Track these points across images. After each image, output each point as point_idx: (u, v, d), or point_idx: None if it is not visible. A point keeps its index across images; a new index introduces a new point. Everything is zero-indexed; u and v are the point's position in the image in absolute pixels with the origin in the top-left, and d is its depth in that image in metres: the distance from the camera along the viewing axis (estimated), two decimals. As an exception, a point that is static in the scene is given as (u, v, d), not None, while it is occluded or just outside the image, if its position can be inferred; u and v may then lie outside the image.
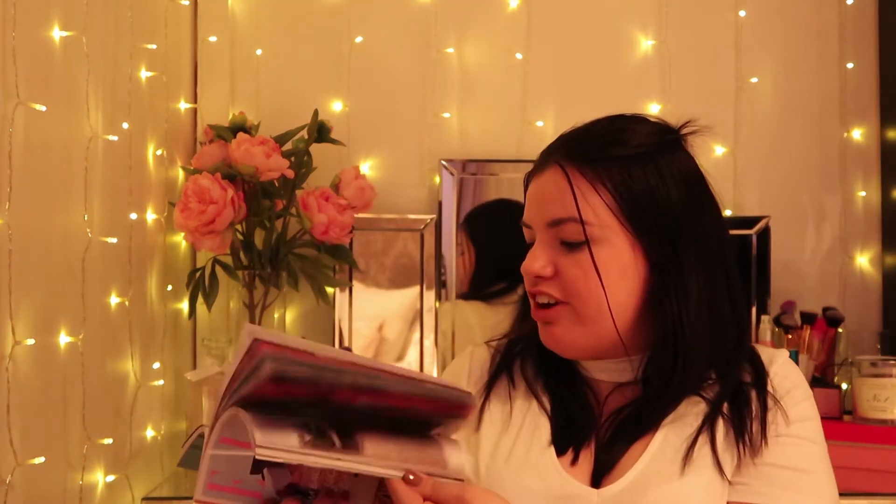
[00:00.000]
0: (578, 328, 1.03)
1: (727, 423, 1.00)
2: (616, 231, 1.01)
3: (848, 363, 1.97)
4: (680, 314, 1.01)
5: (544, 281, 1.03)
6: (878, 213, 2.17)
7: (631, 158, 1.02)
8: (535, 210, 1.05)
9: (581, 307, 1.02)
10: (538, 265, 1.03)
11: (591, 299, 1.01)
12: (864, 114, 2.18)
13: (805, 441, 1.01)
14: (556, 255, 1.03)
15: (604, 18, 2.18)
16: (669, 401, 1.02)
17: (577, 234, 1.01)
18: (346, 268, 2.04)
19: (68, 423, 1.37)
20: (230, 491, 0.80)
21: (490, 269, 2.08)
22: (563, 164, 1.02)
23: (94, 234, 1.45)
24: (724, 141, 2.16)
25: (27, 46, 1.22)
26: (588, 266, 1.01)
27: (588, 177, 1.01)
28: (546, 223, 1.03)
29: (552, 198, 1.03)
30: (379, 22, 2.16)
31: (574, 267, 1.01)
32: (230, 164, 1.83)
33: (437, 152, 2.13)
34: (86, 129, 1.44)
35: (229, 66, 2.13)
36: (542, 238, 1.04)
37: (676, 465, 0.98)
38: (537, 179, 1.06)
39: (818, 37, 2.19)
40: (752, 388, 1.02)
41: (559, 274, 1.02)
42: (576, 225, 1.01)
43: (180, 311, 1.95)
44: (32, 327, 1.23)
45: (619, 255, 1.01)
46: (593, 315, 1.02)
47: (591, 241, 1.00)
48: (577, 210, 1.00)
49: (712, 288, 1.04)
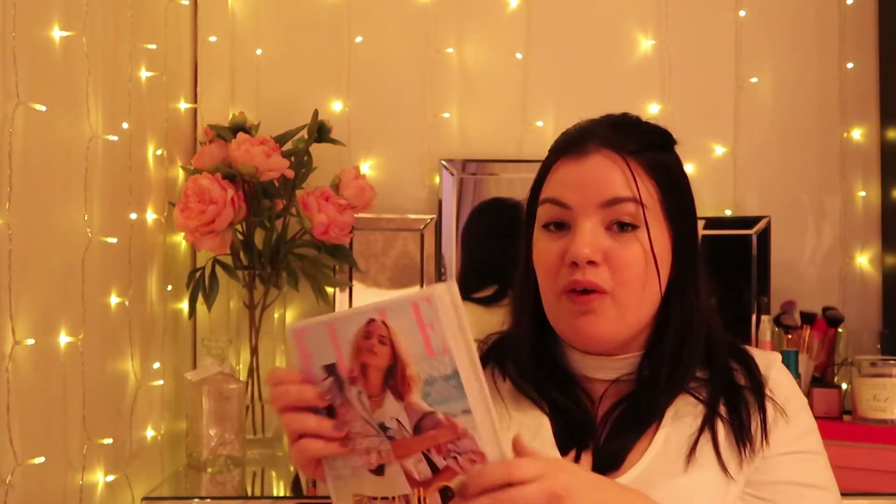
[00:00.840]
0: (618, 319, 1.01)
1: (726, 425, 1.01)
2: (659, 219, 1.02)
3: (848, 363, 1.97)
4: (692, 310, 1.03)
5: (592, 267, 1.00)
6: (878, 213, 2.17)
7: (665, 151, 1.06)
8: (584, 190, 1.02)
9: (626, 296, 1.00)
10: (589, 250, 0.99)
11: (635, 289, 1.00)
12: (864, 114, 2.18)
13: (815, 455, 1.03)
14: (604, 241, 1.00)
15: (604, 18, 2.17)
16: (668, 395, 1.02)
17: (633, 217, 1.00)
18: (346, 268, 2.04)
19: (68, 423, 1.36)
20: (302, 353, 0.89)
21: (478, 271, 2.07)
22: (611, 148, 1.02)
23: (94, 234, 1.45)
24: (724, 141, 2.16)
25: (27, 46, 1.22)
26: (636, 253, 1.00)
27: (640, 162, 1.02)
28: (600, 203, 1.00)
29: (608, 178, 1.01)
30: (379, 22, 2.16)
31: (625, 252, 1.00)
32: (230, 164, 1.83)
33: (437, 152, 2.13)
34: (86, 129, 1.44)
35: (229, 66, 2.13)
36: (590, 219, 1.01)
37: (680, 462, 0.98)
38: (580, 161, 1.03)
39: (818, 37, 2.19)
40: (748, 391, 1.03)
41: (610, 260, 1.00)
42: (634, 205, 1.00)
43: (180, 311, 1.95)
44: (32, 327, 1.23)
45: (658, 244, 1.02)
46: (633, 306, 1.01)
47: (639, 226, 1.01)
48: (639, 191, 1.00)
49: (707, 286, 1.07)
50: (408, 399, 0.84)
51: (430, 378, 0.83)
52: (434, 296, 0.81)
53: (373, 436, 0.86)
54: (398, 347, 0.83)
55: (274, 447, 1.90)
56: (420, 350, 0.82)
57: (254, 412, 1.91)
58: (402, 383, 0.84)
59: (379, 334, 0.84)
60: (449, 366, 0.82)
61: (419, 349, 0.83)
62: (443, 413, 0.83)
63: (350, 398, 0.87)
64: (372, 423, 0.86)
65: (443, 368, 0.82)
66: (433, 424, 0.83)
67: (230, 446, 1.75)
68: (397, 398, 0.85)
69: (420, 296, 0.82)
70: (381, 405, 0.86)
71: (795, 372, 1.89)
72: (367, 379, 0.86)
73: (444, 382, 0.82)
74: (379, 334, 0.84)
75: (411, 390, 0.84)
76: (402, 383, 0.84)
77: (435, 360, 0.82)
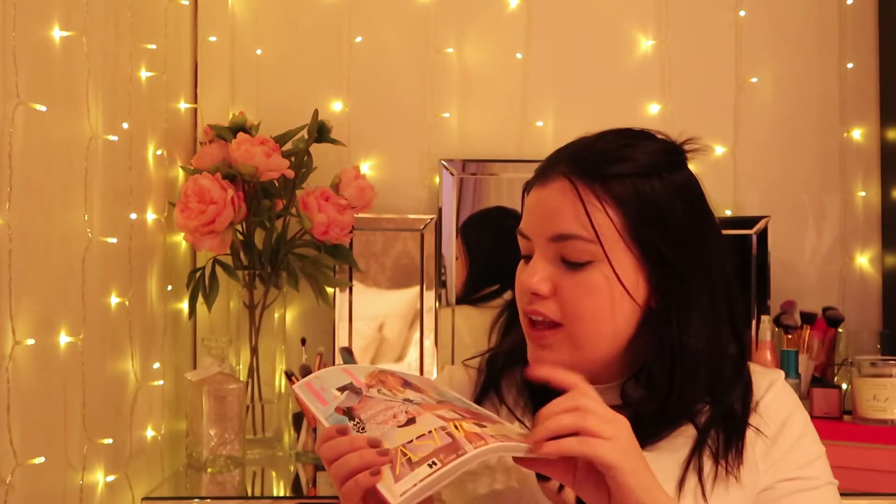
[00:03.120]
0: (572, 353, 0.98)
1: (713, 460, 0.99)
2: (621, 251, 0.97)
3: (848, 363, 1.97)
4: (680, 339, 0.98)
5: (540, 299, 0.98)
6: (878, 213, 2.17)
7: (639, 176, 0.98)
8: (538, 222, 1.00)
9: (578, 330, 0.98)
10: (535, 280, 0.98)
11: (588, 323, 0.97)
12: (864, 114, 2.18)
13: (827, 485, 1.01)
14: (556, 272, 0.98)
15: (604, 18, 2.17)
16: (662, 426, 0.99)
17: (581, 254, 0.96)
18: (346, 268, 2.04)
19: (68, 423, 1.36)
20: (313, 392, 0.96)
21: (483, 275, 2.07)
22: (570, 178, 0.98)
23: (94, 234, 1.45)
24: (724, 141, 2.16)
25: (27, 46, 1.22)
26: (589, 287, 0.96)
27: (597, 193, 0.97)
28: (549, 237, 0.98)
29: (558, 211, 0.98)
30: (379, 22, 2.16)
31: (575, 287, 0.97)
32: (230, 164, 1.83)
33: (437, 152, 2.13)
34: (86, 129, 1.44)
35: (229, 66, 2.13)
36: (543, 252, 0.99)
37: (670, 491, 0.96)
38: (540, 190, 1.00)
39: (818, 37, 2.19)
40: (741, 421, 1.01)
41: (558, 293, 0.98)
42: (582, 243, 0.96)
43: (180, 311, 1.95)
44: (32, 327, 1.23)
45: (622, 277, 0.97)
46: (590, 340, 0.98)
47: (594, 260, 0.96)
48: (592, 226, 0.96)
49: (714, 311, 1.00)
50: (426, 394, 0.94)
51: (442, 392, 0.97)
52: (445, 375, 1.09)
53: (398, 405, 0.91)
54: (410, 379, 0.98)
55: (274, 447, 1.91)
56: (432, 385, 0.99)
57: (254, 412, 1.91)
58: (417, 389, 0.96)
59: (391, 373, 0.99)
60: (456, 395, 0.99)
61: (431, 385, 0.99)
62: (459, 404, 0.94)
63: (369, 395, 0.94)
64: (396, 399, 0.92)
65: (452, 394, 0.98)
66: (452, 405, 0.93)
67: (230, 446, 1.75)
68: (416, 391, 0.95)
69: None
70: (403, 392, 0.94)
71: (795, 372, 1.89)
72: (385, 385, 0.95)
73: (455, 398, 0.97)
74: (391, 373, 0.99)
75: (427, 394, 0.95)
76: (417, 389, 0.96)
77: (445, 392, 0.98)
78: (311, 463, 1.82)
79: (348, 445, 0.87)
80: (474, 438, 0.84)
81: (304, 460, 1.84)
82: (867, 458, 1.70)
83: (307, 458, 1.83)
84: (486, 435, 0.85)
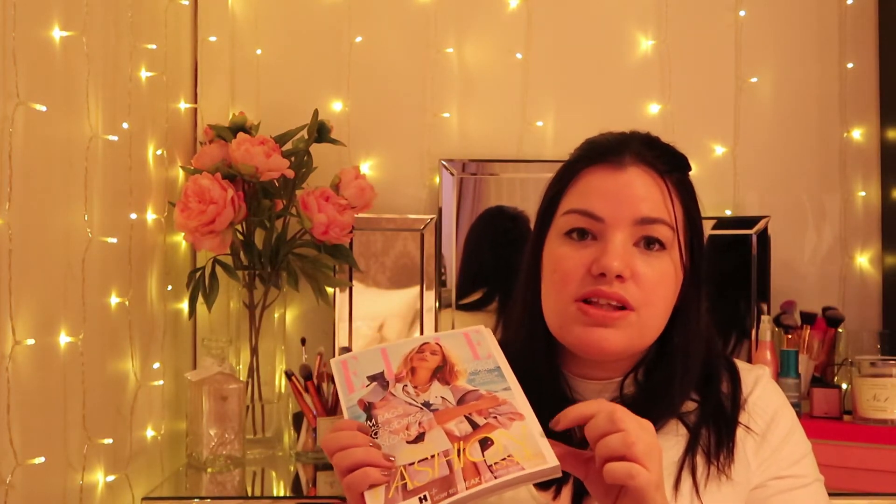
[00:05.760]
0: (634, 338, 1.00)
1: (705, 459, 1.00)
2: (680, 242, 1.02)
3: (848, 363, 1.96)
4: (692, 331, 1.02)
5: (619, 282, 0.98)
6: (878, 213, 2.17)
7: (686, 175, 1.05)
8: (620, 204, 1.00)
9: (649, 315, 0.99)
10: (618, 263, 0.98)
11: (657, 309, 1.00)
12: (864, 114, 2.18)
13: (815, 482, 1.03)
14: (633, 257, 1.00)
15: (604, 18, 2.17)
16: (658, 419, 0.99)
17: (666, 237, 1.00)
18: (346, 268, 2.04)
19: (68, 423, 1.37)
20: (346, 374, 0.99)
21: (473, 279, 2.07)
22: (650, 167, 1.02)
23: (94, 234, 1.45)
24: (724, 141, 2.16)
25: (27, 46, 1.22)
26: (662, 273, 1.00)
27: (670, 185, 1.02)
28: (635, 220, 1.00)
29: (644, 196, 1.00)
30: (379, 22, 2.16)
31: (651, 272, 0.99)
32: (230, 164, 1.83)
33: (437, 152, 2.13)
34: (86, 129, 1.44)
35: (229, 66, 2.13)
36: (621, 235, 1.00)
37: (667, 491, 0.96)
38: (617, 174, 1.01)
39: (818, 37, 2.19)
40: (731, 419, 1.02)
41: (637, 277, 0.99)
42: (666, 228, 1.00)
43: (180, 311, 1.95)
44: (32, 327, 1.24)
45: (678, 267, 1.02)
46: (653, 328, 1.01)
47: (668, 248, 1.01)
48: (673, 214, 1.00)
49: (707, 309, 1.06)
50: (453, 384, 0.95)
51: (475, 370, 0.96)
52: (482, 328, 1.01)
53: (415, 412, 0.93)
54: (448, 355, 0.98)
55: (274, 447, 1.91)
56: (468, 355, 0.98)
57: (254, 412, 1.91)
58: (449, 374, 0.96)
59: (431, 349, 0.99)
60: (492, 364, 0.97)
61: (467, 355, 0.98)
62: (485, 390, 0.94)
63: (393, 392, 0.96)
64: (416, 403, 0.94)
65: (487, 365, 0.97)
66: (475, 397, 0.94)
67: (230, 446, 1.75)
68: (443, 384, 0.96)
69: (470, 329, 1.01)
70: (426, 390, 0.95)
71: (795, 372, 1.89)
72: (414, 376, 0.97)
73: (487, 373, 0.96)
74: (431, 349, 0.99)
75: (457, 378, 0.96)
76: (449, 374, 0.96)
77: (480, 362, 0.97)
78: (311, 463, 1.82)
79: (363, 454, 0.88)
80: (470, 474, 0.86)
81: (304, 460, 1.84)
82: (867, 458, 1.70)
83: (307, 458, 1.84)
84: (485, 467, 0.87)
